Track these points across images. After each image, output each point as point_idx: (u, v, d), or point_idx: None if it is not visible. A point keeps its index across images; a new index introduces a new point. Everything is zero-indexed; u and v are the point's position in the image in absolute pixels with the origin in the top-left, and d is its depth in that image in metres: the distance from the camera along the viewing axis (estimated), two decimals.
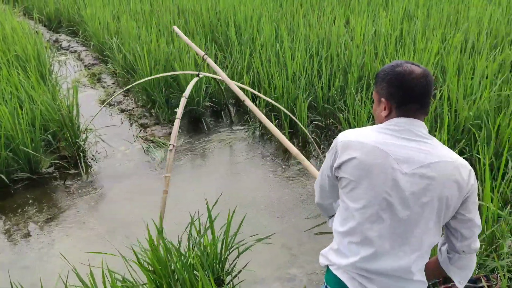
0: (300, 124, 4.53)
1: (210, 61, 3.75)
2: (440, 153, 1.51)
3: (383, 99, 1.59)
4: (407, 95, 1.53)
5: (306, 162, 2.81)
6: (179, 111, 3.44)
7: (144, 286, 2.55)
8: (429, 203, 1.48)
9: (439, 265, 1.69)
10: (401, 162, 1.48)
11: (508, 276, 2.43)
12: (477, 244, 1.61)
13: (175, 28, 4.19)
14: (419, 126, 1.55)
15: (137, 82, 4.75)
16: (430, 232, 1.52)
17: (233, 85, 3.56)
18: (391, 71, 1.56)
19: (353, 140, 1.55)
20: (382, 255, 1.52)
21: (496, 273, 2.59)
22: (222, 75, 3.67)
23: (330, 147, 1.65)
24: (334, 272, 1.60)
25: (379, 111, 1.63)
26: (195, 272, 2.56)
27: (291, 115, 4.53)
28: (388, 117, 1.60)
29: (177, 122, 3.34)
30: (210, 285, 2.27)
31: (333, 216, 1.92)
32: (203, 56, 3.80)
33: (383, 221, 1.51)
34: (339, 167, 1.58)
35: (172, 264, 2.47)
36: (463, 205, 1.53)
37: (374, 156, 1.50)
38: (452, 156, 1.52)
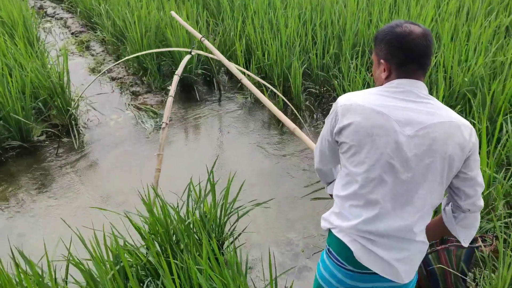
0: (284, 99, 4.50)
1: (208, 43, 3.76)
2: (442, 113, 1.50)
3: (382, 61, 1.57)
4: (407, 56, 1.52)
5: (303, 136, 2.78)
6: (172, 89, 3.40)
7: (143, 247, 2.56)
8: (432, 164, 1.49)
9: (442, 224, 1.69)
10: (403, 124, 1.47)
11: (503, 237, 2.48)
12: (481, 202, 1.61)
13: (173, 13, 4.21)
14: (420, 87, 1.53)
15: (131, 56, 4.65)
16: (433, 193, 1.53)
17: (231, 65, 3.58)
18: (391, 32, 1.54)
19: (353, 104, 1.53)
20: (384, 217, 1.53)
21: (492, 233, 2.65)
22: (220, 56, 3.66)
23: (330, 111, 1.64)
24: (336, 234, 1.60)
25: (378, 72, 1.61)
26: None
27: (279, 94, 4.49)
28: (388, 78, 1.58)
29: (169, 100, 3.29)
30: (211, 248, 2.29)
31: (332, 182, 1.92)
32: (201, 38, 3.82)
33: (386, 184, 1.51)
34: (339, 132, 1.57)
35: (172, 227, 2.47)
36: (466, 163, 1.53)
37: (375, 120, 1.49)
38: (453, 116, 1.51)
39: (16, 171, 4.00)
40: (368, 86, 4.20)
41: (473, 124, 3.41)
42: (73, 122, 4.46)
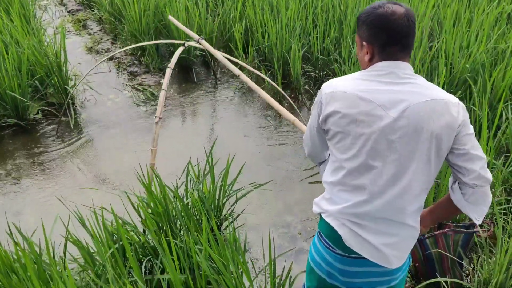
0: (277, 87, 4.48)
1: (205, 43, 3.81)
2: (427, 92, 1.48)
3: (364, 43, 1.55)
4: (389, 37, 1.50)
5: (302, 127, 2.75)
6: (165, 82, 3.37)
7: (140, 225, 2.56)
8: (418, 145, 1.47)
9: (451, 204, 1.64)
10: (387, 108, 1.47)
11: (502, 223, 2.49)
12: (487, 174, 1.54)
13: (170, 17, 4.26)
14: (404, 68, 1.52)
15: (135, 45, 4.60)
16: (421, 173, 1.51)
17: (228, 63, 3.58)
18: (373, 13, 1.51)
19: (336, 91, 1.53)
20: (372, 200, 1.52)
21: (489, 219, 2.66)
22: (217, 54, 3.72)
23: (315, 100, 1.63)
24: (325, 219, 1.60)
25: (362, 55, 1.59)
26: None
27: (271, 82, 4.45)
28: (371, 61, 1.56)
29: (162, 94, 3.26)
30: (210, 227, 2.28)
31: (325, 161, 1.90)
32: (198, 39, 3.87)
33: (373, 169, 1.50)
34: (325, 120, 1.56)
35: (171, 207, 2.46)
36: (457, 139, 1.51)
37: (358, 106, 1.48)
38: (439, 94, 1.49)
39: (12, 149, 3.96)
40: None
41: (473, 111, 3.41)
42: (69, 100, 4.42)
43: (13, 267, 2.13)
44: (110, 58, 5.46)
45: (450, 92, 3.74)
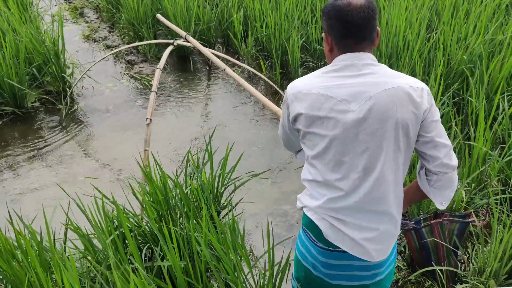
0: (269, 81, 4.48)
1: (192, 39, 3.95)
2: (388, 80, 1.48)
3: (323, 34, 1.58)
4: (343, 29, 1.50)
5: None
6: (154, 84, 3.38)
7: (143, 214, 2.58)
8: (384, 134, 1.47)
9: (418, 188, 1.67)
10: (348, 102, 1.47)
11: (497, 213, 2.53)
12: (451, 161, 1.56)
13: (158, 15, 4.42)
14: (364, 59, 1.51)
15: (142, 43, 4.62)
16: (393, 161, 1.51)
17: (215, 58, 3.70)
18: (331, 4, 1.51)
19: (298, 92, 1.54)
20: (349, 194, 1.52)
21: (484, 209, 2.70)
22: (204, 50, 3.83)
23: (283, 100, 1.64)
24: (306, 213, 1.61)
25: (324, 48, 1.61)
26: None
27: (266, 79, 4.46)
28: (331, 52, 1.57)
29: (152, 95, 3.26)
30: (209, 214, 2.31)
31: (301, 150, 1.88)
32: (185, 36, 3.98)
33: (343, 163, 1.50)
34: (294, 120, 1.58)
35: (170, 194, 2.48)
36: (422, 126, 1.52)
37: (320, 104, 1.49)
38: (400, 81, 1.49)
39: (10, 137, 3.97)
40: None
41: (470, 103, 3.44)
42: (67, 89, 4.41)
43: (14, 253, 2.15)
44: (108, 47, 5.45)
45: (447, 84, 3.78)
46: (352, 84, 1.48)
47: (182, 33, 4.06)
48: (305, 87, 1.53)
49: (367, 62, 1.51)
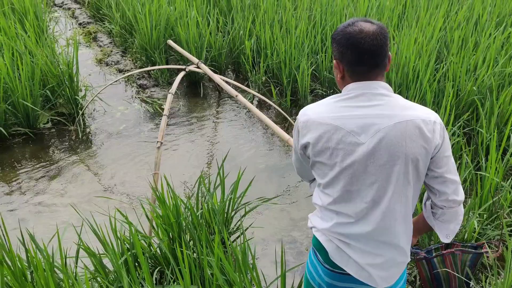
0: (278, 108, 4.53)
1: (204, 66, 4.05)
2: (398, 113, 1.45)
3: (335, 61, 1.54)
4: (355, 56, 1.47)
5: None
6: (166, 108, 3.43)
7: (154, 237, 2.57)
8: (393, 168, 1.46)
9: (424, 220, 1.67)
10: (357, 134, 1.45)
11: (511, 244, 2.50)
12: (457, 197, 1.54)
13: (170, 41, 4.56)
14: (376, 88, 1.48)
15: (152, 68, 4.71)
16: (401, 194, 1.50)
17: (226, 85, 3.76)
18: (342, 31, 1.49)
19: (309, 120, 1.52)
20: (358, 222, 1.52)
21: (497, 240, 2.68)
22: (215, 78, 3.91)
23: (294, 126, 1.63)
24: (315, 233, 1.63)
25: (335, 74, 1.58)
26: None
27: (276, 106, 4.51)
28: (343, 80, 1.55)
29: (164, 119, 3.31)
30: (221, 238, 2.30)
31: (314, 179, 1.86)
32: (197, 63, 4.09)
33: (352, 193, 1.50)
34: (304, 148, 1.58)
35: (183, 218, 2.48)
36: (433, 161, 1.49)
37: (330, 134, 1.47)
38: (412, 113, 1.45)
39: (22, 157, 4.00)
40: None
41: (481, 133, 3.45)
42: (79, 111, 4.47)
43: (25, 273, 2.14)
44: (120, 71, 5.53)
45: (456, 114, 3.81)
46: (362, 116, 1.46)
47: (195, 60, 4.15)
48: (315, 116, 1.51)
49: (379, 92, 1.48)
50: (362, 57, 1.46)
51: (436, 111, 3.86)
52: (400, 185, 1.48)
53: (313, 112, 1.53)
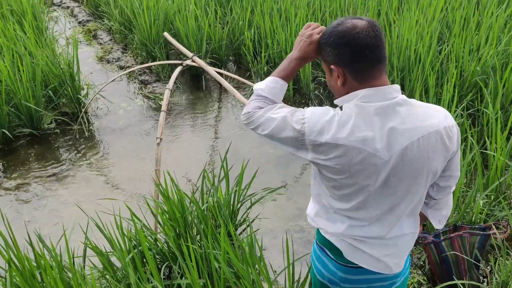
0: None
1: (198, 60, 4.04)
2: (420, 125, 1.38)
3: (333, 66, 1.40)
4: (355, 54, 1.36)
5: None
6: (164, 103, 3.42)
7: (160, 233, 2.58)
8: (415, 181, 1.43)
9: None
10: (379, 151, 1.36)
11: None
12: (453, 188, 1.62)
13: (166, 34, 4.58)
14: (391, 93, 1.39)
15: (150, 64, 4.71)
16: (419, 197, 1.50)
17: (223, 81, 3.74)
18: (333, 32, 1.38)
19: (324, 141, 1.37)
20: (370, 225, 1.51)
21: (505, 221, 2.66)
22: (211, 72, 3.88)
23: (293, 129, 1.42)
24: (323, 234, 1.59)
25: (333, 81, 1.44)
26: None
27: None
28: (346, 85, 1.42)
29: (162, 115, 3.29)
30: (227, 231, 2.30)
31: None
32: (192, 57, 4.07)
33: (367, 202, 1.46)
34: (314, 162, 1.45)
35: (188, 213, 2.49)
36: (447, 166, 1.52)
37: (350, 156, 1.36)
38: (433, 122, 1.39)
39: (27, 158, 4.02)
40: None
41: (486, 113, 3.41)
42: (82, 109, 4.47)
43: (34, 273, 2.16)
44: (121, 67, 5.53)
45: (460, 95, 3.77)
46: (384, 133, 1.36)
47: (189, 53, 4.14)
48: (333, 135, 1.36)
49: (396, 101, 1.38)
50: (363, 53, 1.35)
51: (439, 94, 3.83)
52: (418, 193, 1.48)
53: (327, 132, 1.37)
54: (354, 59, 1.36)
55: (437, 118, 1.41)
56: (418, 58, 4.03)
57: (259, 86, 1.63)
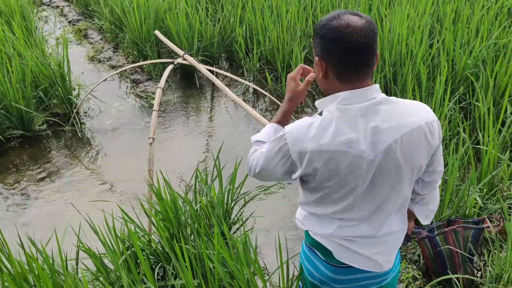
0: (273, 98, 4.49)
1: (189, 58, 4.01)
2: (402, 122, 1.37)
3: (317, 58, 1.39)
4: (341, 54, 1.33)
5: None
6: (156, 102, 3.39)
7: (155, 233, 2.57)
8: (400, 178, 1.43)
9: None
10: (365, 152, 1.35)
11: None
12: (438, 183, 1.65)
13: (156, 32, 4.55)
14: (370, 93, 1.38)
15: (141, 63, 4.68)
16: (403, 195, 1.50)
17: (215, 79, 3.70)
18: (326, 24, 1.34)
19: (309, 150, 1.36)
20: (360, 225, 1.50)
21: (498, 214, 2.66)
22: (203, 70, 3.85)
23: (278, 149, 1.43)
24: (313, 236, 1.59)
25: (317, 72, 1.44)
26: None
27: (270, 96, 4.48)
28: (327, 80, 1.41)
29: (154, 115, 3.27)
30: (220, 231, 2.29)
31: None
32: (183, 55, 4.04)
33: (355, 204, 1.46)
34: (305, 175, 1.45)
35: (181, 213, 2.47)
36: (430, 161, 1.54)
37: (337, 161, 1.36)
38: (415, 119, 1.39)
39: (18, 161, 3.99)
40: None
41: (477, 107, 3.42)
42: (74, 110, 4.44)
43: (26, 277, 2.14)
44: (112, 67, 5.49)
45: (452, 89, 3.77)
46: (367, 134, 1.35)
47: (180, 51, 4.12)
48: (315, 145, 1.36)
49: (377, 101, 1.37)
50: (349, 55, 1.33)
51: (431, 88, 3.83)
52: (404, 189, 1.48)
53: (309, 140, 1.37)
54: (339, 59, 1.35)
55: (419, 115, 1.41)
56: (409, 52, 4.02)
57: (256, 135, 1.67)
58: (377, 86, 1.41)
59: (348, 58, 1.33)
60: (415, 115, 1.41)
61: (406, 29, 4.09)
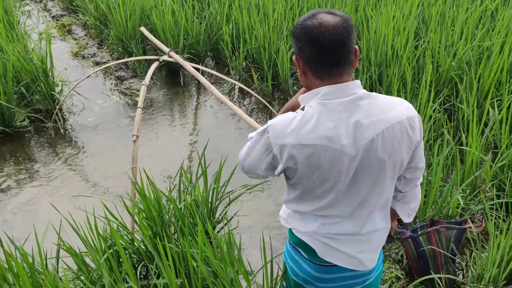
0: (258, 97, 4.49)
1: (175, 55, 4.02)
2: (383, 117, 1.38)
3: (295, 57, 1.42)
4: (314, 53, 1.34)
5: None
6: (140, 100, 3.36)
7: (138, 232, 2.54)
8: (382, 173, 1.44)
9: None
10: (346, 147, 1.36)
11: (493, 219, 2.52)
12: (419, 180, 1.65)
13: (142, 29, 4.56)
14: (352, 88, 1.38)
15: (126, 59, 4.63)
16: (387, 190, 1.50)
17: (201, 77, 3.71)
18: (300, 24, 1.37)
19: (289, 144, 1.37)
20: (343, 221, 1.50)
21: (480, 215, 2.69)
22: (188, 67, 3.84)
23: (262, 142, 1.44)
24: (296, 234, 1.58)
25: (298, 70, 1.46)
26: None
27: (255, 95, 4.48)
28: (306, 77, 1.43)
29: (138, 112, 3.24)
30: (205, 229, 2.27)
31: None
32: (169, 52, 4.04)
33: (338, 200, 1.46)
34: (286, 170, 1.46)
35: (165, 211, 2.45)
36: (411, 156, 1.53)
37: (318, 155, 1.36)
38: (395, 114, 1.40)
39: None
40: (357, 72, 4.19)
41: (461, 108, 3.45)
42: (57, 106, 4.37)
43: (5, 276, 2.10)
44: (97, 63, 5.42)
45: (437, 90, 3.80)
46: (348, 129, 1.36)
47: (165, 49, 4.10)
48: (296, 139, 1.36)
49: (358, 96, 1.38)
50: (321, 54, 1.34)
51: (416, 89, 3.86)
52: (386, 185, 1.48)
53: (291, 136, 1.37)
54: (312, 58, 1.37)
55: (399, 109, 1.42)
56: (395, 53, 4.05)
57: (253, 132, 1.65)
58: (358, 82, 1.41)
59: (321, 56, 1.35)
60: (396, 109, 1.41)
61: (392, 30, 4.12)
